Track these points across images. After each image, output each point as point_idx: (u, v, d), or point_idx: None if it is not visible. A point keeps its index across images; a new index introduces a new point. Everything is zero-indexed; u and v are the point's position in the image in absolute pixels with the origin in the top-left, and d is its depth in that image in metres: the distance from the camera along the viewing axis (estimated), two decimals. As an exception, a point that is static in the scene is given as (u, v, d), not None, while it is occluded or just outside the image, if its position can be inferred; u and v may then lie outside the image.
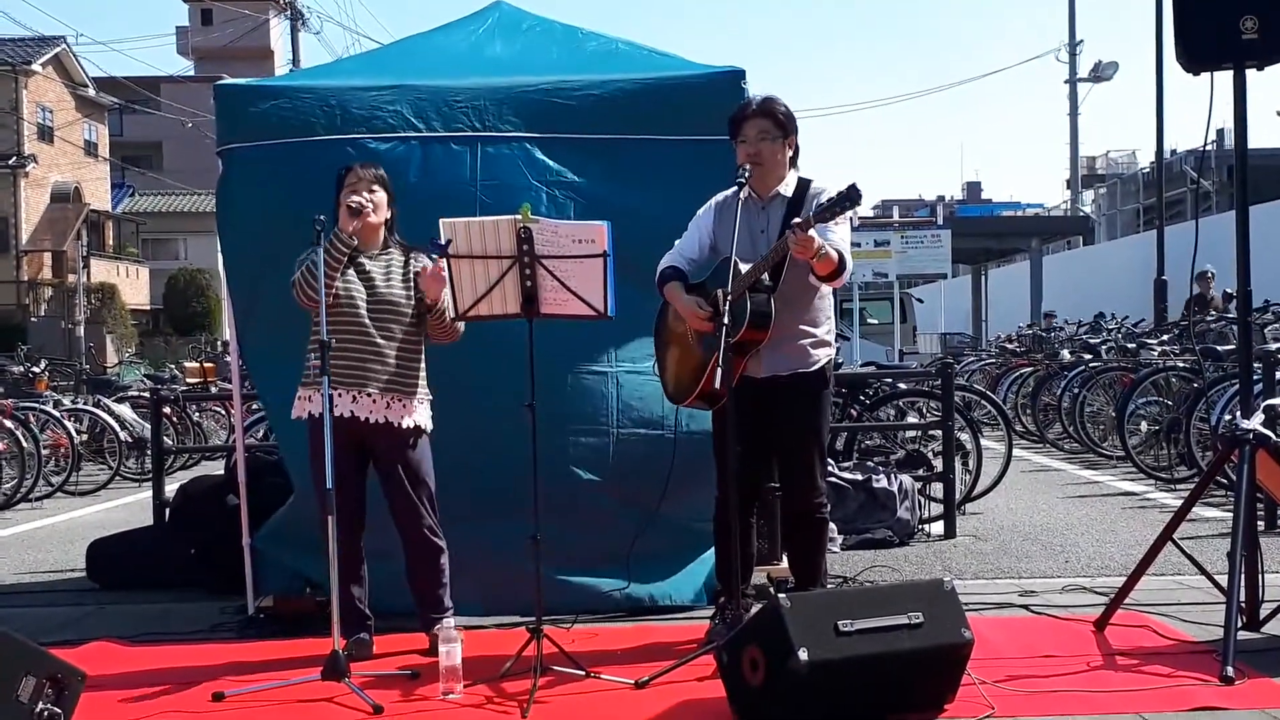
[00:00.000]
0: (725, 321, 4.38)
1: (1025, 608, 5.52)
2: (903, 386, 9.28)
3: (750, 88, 5.54)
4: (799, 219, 4.46)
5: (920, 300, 27.31)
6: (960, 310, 36.16)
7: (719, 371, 4.32)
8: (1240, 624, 4.61)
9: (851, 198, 4.39)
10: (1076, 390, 11.60)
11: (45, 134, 39.39)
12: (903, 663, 3.93)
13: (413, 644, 4.97)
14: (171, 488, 7.43)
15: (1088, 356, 12.69)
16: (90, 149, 42.54)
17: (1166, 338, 12.55)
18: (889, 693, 3.97)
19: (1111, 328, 15.59)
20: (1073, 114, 40.28)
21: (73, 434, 11.37)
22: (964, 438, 8.31)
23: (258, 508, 5.84)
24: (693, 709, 4.19)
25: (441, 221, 4.68)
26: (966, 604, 4.23)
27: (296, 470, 5.56)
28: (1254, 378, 6.86)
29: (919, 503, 7.64)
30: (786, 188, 4.82)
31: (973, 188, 76.16)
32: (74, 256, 38.02)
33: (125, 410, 12.46)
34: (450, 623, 4.89)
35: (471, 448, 5.41)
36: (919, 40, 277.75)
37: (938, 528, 7.64)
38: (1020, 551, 7.09)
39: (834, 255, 4.49)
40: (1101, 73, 39.87)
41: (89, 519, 9.67)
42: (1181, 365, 10.43)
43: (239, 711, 4.28)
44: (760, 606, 4.14)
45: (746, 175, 4.68)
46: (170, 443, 10.99)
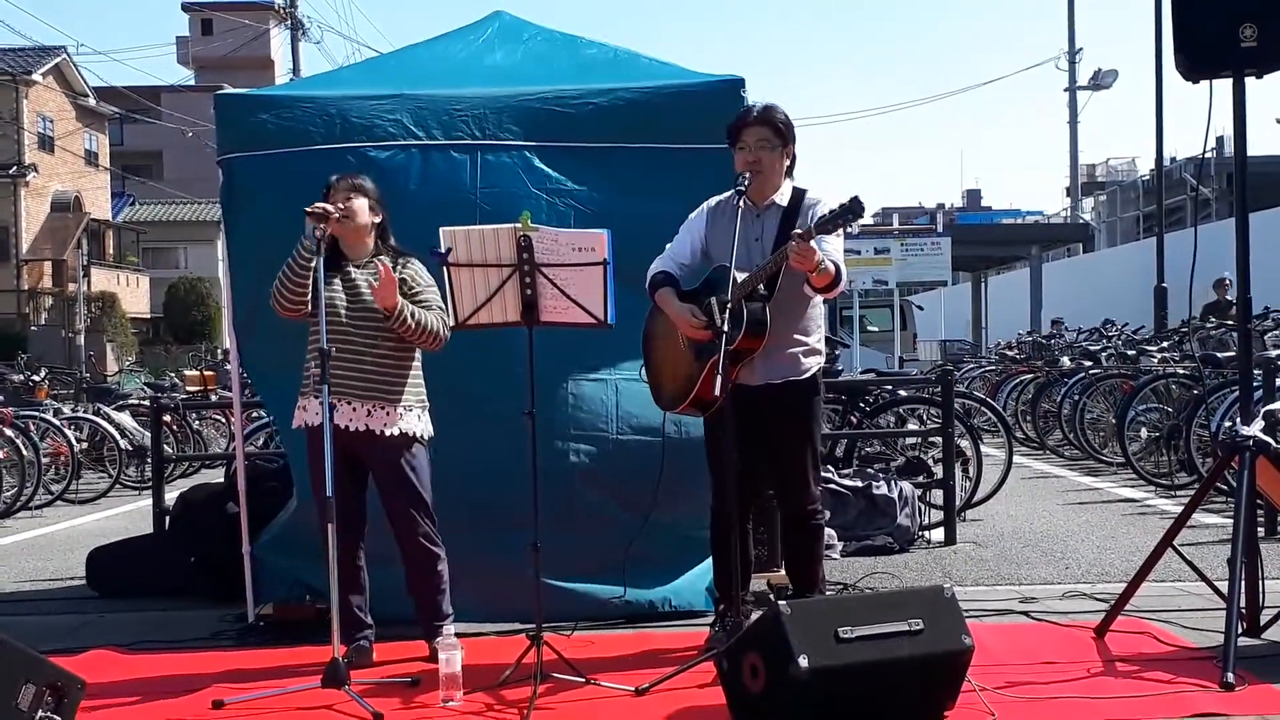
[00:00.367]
0: (725, 329, 4.39)
1: (1025, 614, 5.53)
2: (903, 393, 9.31)
3: (750, 96, 5.56)
4: (800, 230, 4.47)
5: (920, 307, 27.30)
6: (960, 317, 36.11)
7: (717, 378, 4.32)
8: (1240, 630, 4.60)
9: (854, 210, 4.39)
10: (1077, 397, 11.59)
11: (46, 143, 39.41)
12: (903, 669, 3.92)
13: (413, 651, 4.97)
14: (171, 496, 7.43)
15: (1088, 363, 12.69)
16: (90, 158, 42.57)
17: (1166, 344, 12.54)
18: (889, 699, 3.96)
19: (1112, 335, 15.58)
20: (1072, 121, 40.27)
21: (73, 442, 11.37)
22: (964, 444, 8.31)
23: (258, 515, 5.85)
24: (693, 716, 4.19)
25: (442, 230, 4.69)
26: (967, 610, 4.23)
27: (299, 478, 5.58)
28: (1254, 384, 6.86)
29: (919, 509, 7.64)
30: (782, 197, 4.83)
31: (973, 195, 76.12)
32: (74, 265, 38.03)
33: (125, 418, 12.46)
34: (450, 630, 4.89)
35: (471, 455, 5.42)
36: (919, 48, 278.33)
37: (938, 534, 7.65)
38: (1020, 558, 7.09)
39: (831, 268, 4.51)
40: (1101, 80, 39.85)
41: (89, 527, 9.67)
42: (1181, 372, 10.43)
43: (239, 719, 4.28)
44: (760, 613, 4.14)
45: (747, 182, 4.69)
46: (170, 451, 11.00)
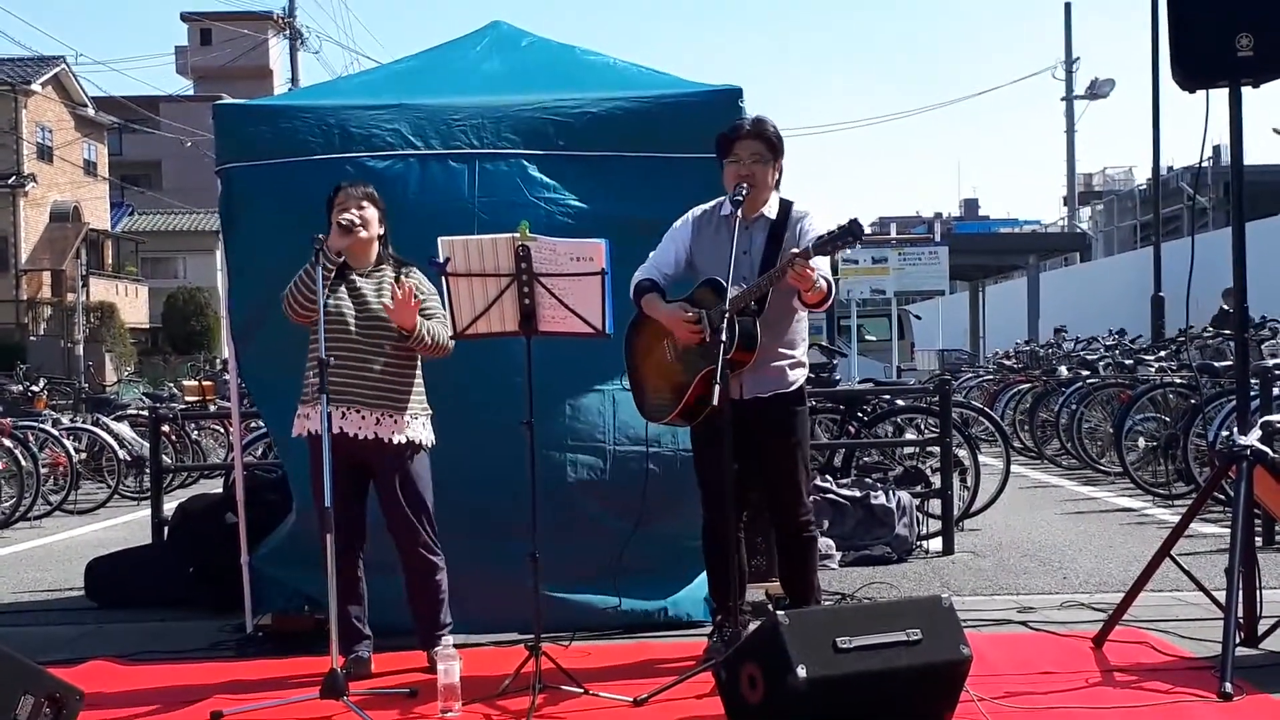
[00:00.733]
0: (724, 339, 4.39)
1: (1023, 624, 5.53)
2: (901, 403, 9.30)
3: (747, 105, 5.57)
4: (798, 249, 4.47)
5: (918, 317, 27.34)
6: (958, 326, 36.12)
7: (715, 388, 4.32)
8: (1238, 640, 4.60)
9: (853, 233, 4.40)
10: (1074, 406, 11.59)
11: (44, 153, 39.46)
12: (901, 680, 3.93)
13: (411, 662, 4.96)
14: (170, 506, 7.42)
15: (1085, 373, 12.69)
16: (89, 168, 42.62)
17: (1164, 354, 12.55)
18: (887, 710, 3.96)
19: (1111, 344, 15.58)
20: (1069, 131, 40.34)
21: (71, 452, 11.35)
22: (962, 454, 8.31)
23: (256, 526, 5.84)
24: (691, 726, 4.19)
25: (440, 240, 4.69)
26: (965, 620, 4.23)
27: (298, 488, 5.57)
28: (1251, 394, 6.86)
29: (917, 519, 7.64)
30: (770, 209, 4.84)
31: (970, 204, 76.18)
32: (73, 275, 38.07)
33: (124, 429, 12.45)
34: (448, 640, 4.89)
35: (469, 465, 5.42)
36: (916, 57, 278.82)
37: (936, 544, 7.64)
38: (1018, 568, 7.09)
39: (824, 285, 4.53)
40: (1098, 90, 39.89)
41: (88, 538, 9.65)
42: (1179, 381, 10.44)
43: (237, 730, 4.29)
44: (758, 624, 4.14)
45: (744, 194, 4.69)
46: (169, 461, 10.97)
